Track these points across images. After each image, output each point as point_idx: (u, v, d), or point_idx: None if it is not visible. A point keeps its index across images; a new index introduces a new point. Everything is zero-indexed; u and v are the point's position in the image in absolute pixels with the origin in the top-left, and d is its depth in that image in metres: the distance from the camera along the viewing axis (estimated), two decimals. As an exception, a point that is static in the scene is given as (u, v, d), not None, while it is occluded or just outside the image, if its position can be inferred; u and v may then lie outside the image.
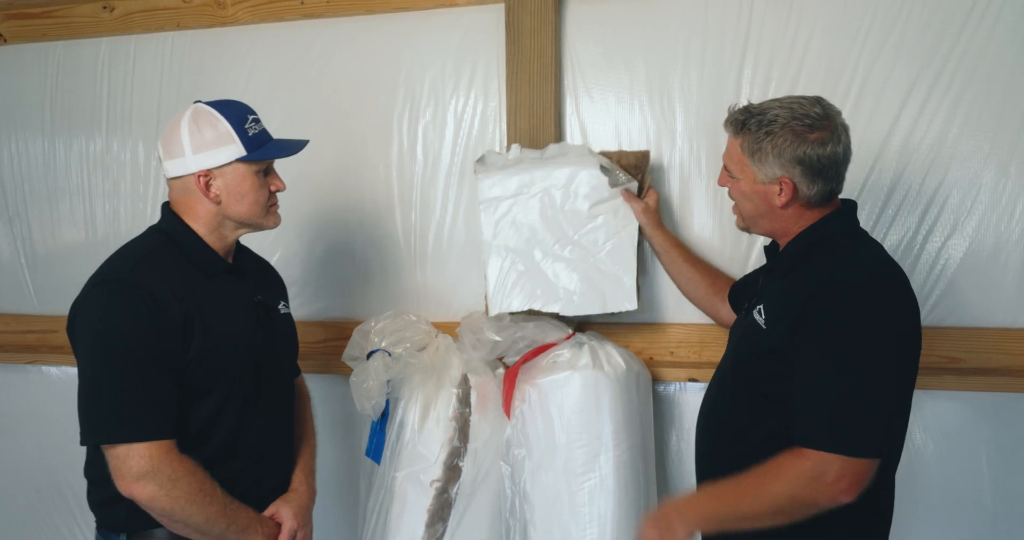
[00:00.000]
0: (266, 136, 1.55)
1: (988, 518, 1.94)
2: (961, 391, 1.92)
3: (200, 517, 1.42)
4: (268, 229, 1.61)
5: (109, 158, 2.47)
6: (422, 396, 1.88)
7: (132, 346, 1.39)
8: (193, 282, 1.48)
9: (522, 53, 2.05)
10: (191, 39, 2.36)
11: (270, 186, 1.56)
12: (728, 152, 1.52)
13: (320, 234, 2.29)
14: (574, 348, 1.85)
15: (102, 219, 2.49)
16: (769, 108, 1.44)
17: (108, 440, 1.40)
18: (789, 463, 1.34)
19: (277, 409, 1.63)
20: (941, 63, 1.89)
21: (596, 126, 2.10)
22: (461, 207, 2.18)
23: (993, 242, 1.90)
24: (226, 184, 1.50)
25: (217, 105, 1.52)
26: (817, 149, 1.40)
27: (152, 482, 1.38)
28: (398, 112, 2.21)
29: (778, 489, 1.35)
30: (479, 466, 1.86)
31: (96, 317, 1.42)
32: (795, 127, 1.41)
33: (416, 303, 2.22)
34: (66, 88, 2.49)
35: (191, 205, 1.53)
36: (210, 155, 1.48)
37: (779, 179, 1.44)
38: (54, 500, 2.61)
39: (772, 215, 1.49)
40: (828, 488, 1.32)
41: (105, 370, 1.40)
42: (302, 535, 1.60)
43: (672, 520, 1.44)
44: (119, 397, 1.39)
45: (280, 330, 1.66)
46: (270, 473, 1.61)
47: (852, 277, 1.38)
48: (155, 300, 1.41)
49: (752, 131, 1.44)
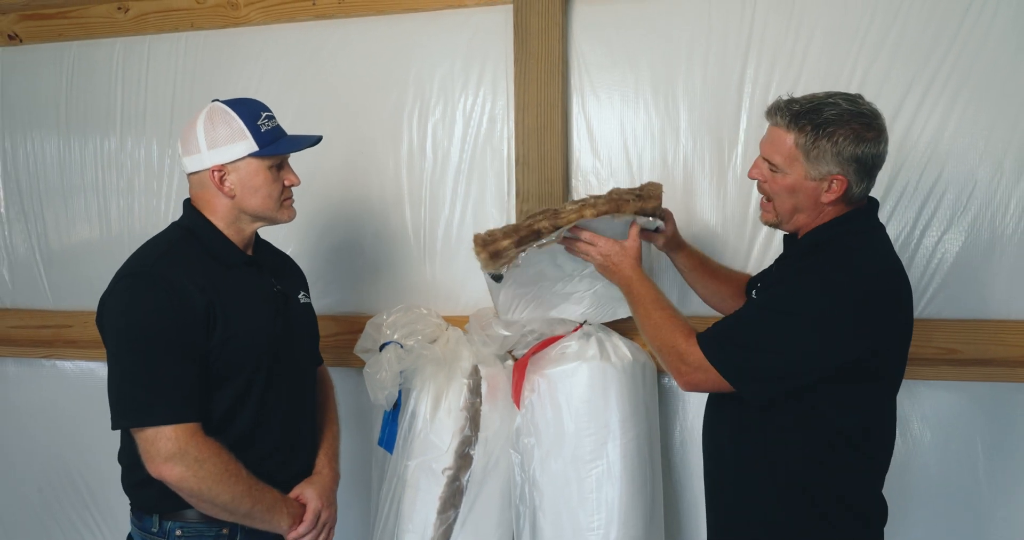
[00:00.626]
0: (279, 132, 1.61)
1: (984, 506, 1.99)
2: (958, 382, 1.97)
3: (227, 496, 1.48)
4: (283, 222, 1.66)
5: (123, 156, 2.51)
6: (434, 387, 1.93)
7: (156, 335, 1.46)
8: (213, 274, 1.54)
9: (530, 53, 2.10)
10: (204, 39, 2.41)
11: (284, 180, 1.62)
12: (774, 146, 1.48)
13: (331, 230, 2.34)
14: (582, 340, 1.90)
15: (116, 216, 2.53)
16: (822, 104, 1.43)
17: (137, 423, 1.47)
18: (684, 332, 1.49)
19: (297, 396, 1.67)
20: (938, 63, 1.94)
21: (602, 124, 2.15)
22: (470, 203, 2.23)
23: (988, 236, 1.95)
24: (240, 179, 1.56)
25: (232, 103, 1.59)
26: (872, 148, 1.42)
27: (180, 463, 1.44)
28: (408, 110, 2.26)
29: (665, 336, 1.51)
30: (490, 454, 1.90)
31: (121, 309, 1.50)
32: (854, 126, 1.41)
33: (425, 298, 2.27)
34: (81, 88, 2.53)
35: (209, 199, 1.59)
36: (223, 151, 1.54)
37: (832, 176, 1.43)
38: (67, 492, 2.65)
39: (815, 210, 1.48)
40: (681, 371, 1.49)
41: (131, 358, 1.47)
42: (327, 515, 1.64)
43: (615, 270, 1.62)
44: (145, 383, 1.46)
45: (299, 319, 1.70)
46: (292, 459, 1.65)
47: (844, 270, 1.41)
48: (176, 291, 1.48)
49: (808, 128, 1.42)
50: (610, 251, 1.63)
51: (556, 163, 2.12)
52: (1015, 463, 1.97)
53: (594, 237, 1.64)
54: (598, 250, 1.64)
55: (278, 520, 1.57)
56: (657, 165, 2.12)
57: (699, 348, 1.46)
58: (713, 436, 1.64)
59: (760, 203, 1.58)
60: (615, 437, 1.82)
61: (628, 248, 1.62)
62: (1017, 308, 1.94)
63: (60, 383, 2.63)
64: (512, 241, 1.64)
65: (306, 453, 1.71)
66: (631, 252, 1.62)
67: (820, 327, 1.40)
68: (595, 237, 1.64)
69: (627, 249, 1.62)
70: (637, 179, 2.14)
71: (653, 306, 1.56)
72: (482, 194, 2.23)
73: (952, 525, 2.01)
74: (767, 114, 1.50)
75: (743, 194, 2.07)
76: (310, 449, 1.72)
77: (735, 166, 2.07)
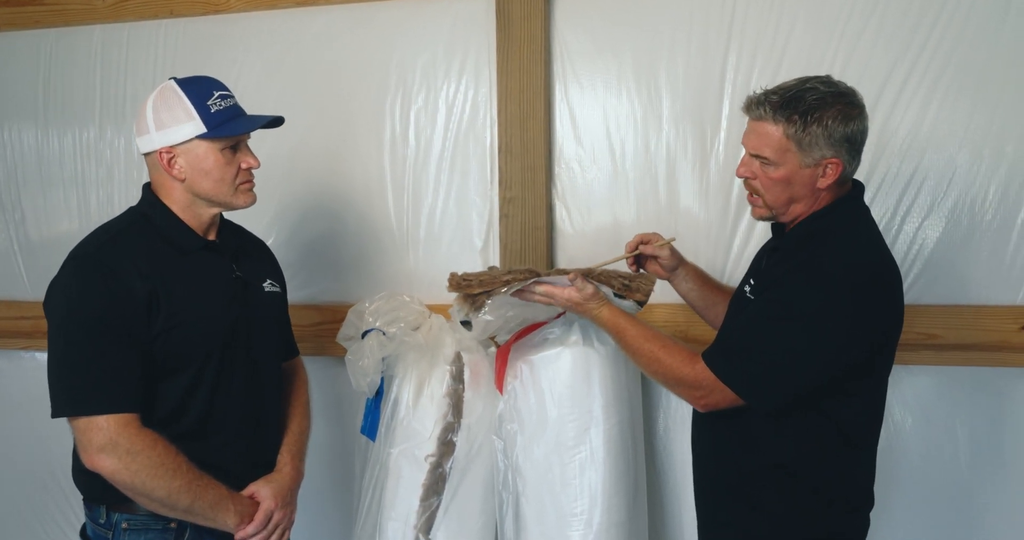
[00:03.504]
0: (234, 112, 1.53)
1: (965, 490, 2.01)
2: (939, 366, 1.98)
3: (162, 491, 1.41)
4: (241, 208, 1.57)
5: (103, 145, 2.49)
6: (416, 374, 1.92)
7: (91, 321, 1.40)
8: (163, 259, 1.49)
9: (512, 40, 2.09)
10: (184, 27, 2.39)
11: (240, 163, 1.54)
12: (762, 140, 1.44)
13: (314, 218, 2.33)
14: (565, 326, 1.89)
15: (96, 206, 2.51)
16: (801, 90, 1.41)
17: (70, 413, 1.41)
18: (685, 358, 1.47)
19: (257, 388, 1.59)
20: (917, 51, 1.95)
21: (584, 112, 2.15)
22: (453, 191, 2.23)
23: (968, 223, 1.97)
24: (189, 162, 1.49)
25: (184, 82, 1.52)
26: (859, 125, 1.42)
27: (112, 455, 1.39)
28: (390, 98, 2.25)
29: (665, 363, 1.49)
30: (472, 441, 1.90)
31: (60, 293, 1.45)
32: (840, 106, 1.40)
33: (408, 286, 2.26)
34: (59, 76, 2.50)
35: (163, 182, 1.53)
36: (171, 132, 1.48)
37: (827, 160, 1.41)
38: (48, 486, 2.62)
39: (810, 197, 1.46)
40: (696, 397, 1.47)
41: (66, 344, 1.42)
42: (280, 516, 1.56)
43: (591, 307, 1.59)
44: (79, 371, 1.40)
45: (260, 308, 1.63)
46: (250, 451, 1.58)
47: (837, 263, 1.41)
48: (115, 276, 1.42)
49: (798, 116, 1.40)
50: (570, 297, 1.59)
51: (539, 151, 2.12)
52: (995, 447, 1.99)
53: (550, 290, 1.60)
54: (558, 301, 1.61)
55: (223, 517, 1.49)
56: (640, 153, 2.13)
57: (707, 369, 1.43)
58: (702, 429, 1.63)
59: (748, 199, 1.55)
60: (598, 423, 1.82)
61: (585, 293, 1.58)
62: (996, 293, 1.96)
63: (40, 375, 2.55)
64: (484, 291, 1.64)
65: (267, 447, 1.64)
66: (588, 295, 1.58)
67: (825, 327, 1.38)
68: (550, 290, 1.60)
69: (585, 295, 1.58)
70: (620, 166, 2.14)
71: (641, 339, 1.52)
72: (465, 182, 2.22)
73: (934, 509, 2.03)
74: (746, 109, 1.47)
75: (725, 182, 2.07)
76: (272, 443, 1.65)
77: (717, 154, 2.08)
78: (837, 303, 1.38)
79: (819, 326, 1.38)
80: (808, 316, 1.39)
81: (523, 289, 1.62)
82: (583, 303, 1.59)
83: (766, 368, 1.41)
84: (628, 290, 1.65)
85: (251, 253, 1.71)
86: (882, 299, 1.43)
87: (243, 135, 1.55)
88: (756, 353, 1.42)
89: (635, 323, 1.56)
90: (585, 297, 1.59)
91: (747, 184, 1.52)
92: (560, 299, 1.61)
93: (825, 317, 1.38)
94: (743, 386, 1.43)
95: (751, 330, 1.45)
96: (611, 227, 2.15)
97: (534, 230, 2.14)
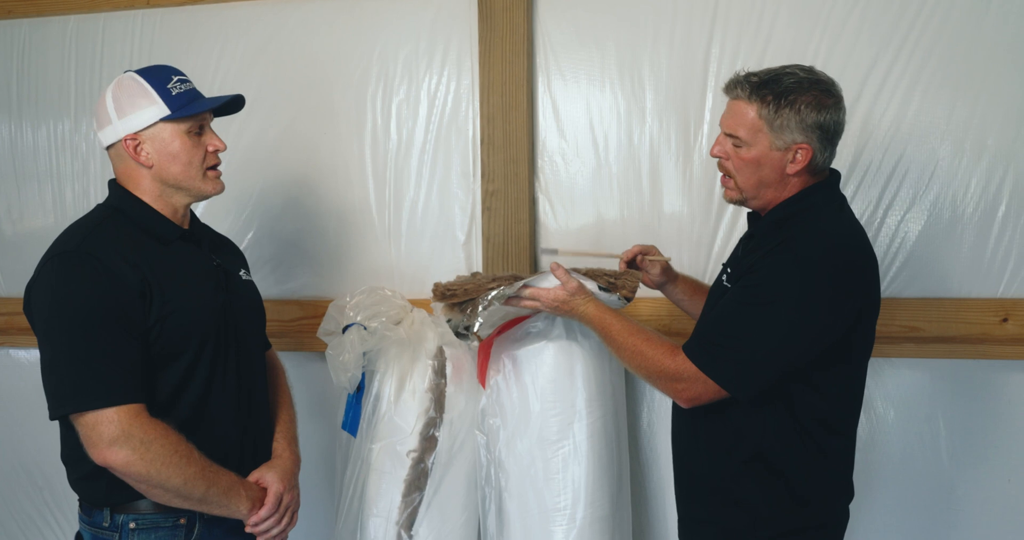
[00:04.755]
0: (194, 95, 1.52)
1: (946, 482, 2.02)
2: (920, 359, 1.99)
3: (178, 479, 1.40)
4: (210, 196, 1.57)
5: (78, 138, 2.45)
6: (398, 368, 1.90)
7: (89, 314, 1.38)
8: (147, 249, 1.48)
9: (495, 31, 2.08)
10: (161, 17, 2.35)
11: (207, 146, 1.53)
12: (737, 120, 1.46)
13: (294, 212, 2.30)
14: (548, 320, 1.87)
15: (71, 200, 2.47)
16: (779, 74, 1.43)
17: (76, 409, 1.38)
18: (666, 351, 1.47)
19: (247, 376, 1.60)
20: (899, 43, 1.95)
21: (567, 104, 2.14)
22: (435, 184, 2.21)
23: (949, 216, 1.97)
24: (155, 147, 1.49)
25: (142, 70, 1.52)
26: (834, 115, 1.42)
27: (125, 446, 1.37)
28: (371, 90, 2.23)
29: (648, 356, 1.48)
30: (455, 436, 1.88)
31: (50, 290, 1.41)
32: (815, 93, 1.41)
33: (390, 281, 2.24)
34: (33, 67, 2.46)
35: (131, 174, 1.52)
36: (133, 118, 1.47)
37: (797, 145, 1.42)
38: (23, 484, 2.58)
39: (780, 183, 1.47)
40: (678, 390, 1.46)
41: (65, 341, 1.39)
42: (289, 498, 1.58)
43: (577, 303, 1.59)
44: (81, 365, 1.37)
45: (243, 295, 1.64)
46: (246, 440, 1.59)
47: (812, 246, 1.40)
48: (106, 267, 1.40)
49: (772, 97, 1.41)
50: (556, 296, 1.60)
51: (521, 143, 2.10)
52: (975, 439, 1.99)
53: (536, 292, 1.61)
54: (544, 302, 1.61)
55: (236, 504, 1.49)
56: (623, 146, 2.12)
57: (688, 360, 1.43)
58: (681, 424, 1.62)
59: (721, 181, 1.56)
60: (581, 417, 1.81)
61: (570, 287, 1.59)
62: (977, 286, 1.96)
63: (14, 372, 2.55)
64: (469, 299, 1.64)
65: (261, 434, 1.64)
66: (574, 289, 1.59)
67: (801, 310, 1.38)
68: (536, 292, 1.61)
69: (570, 289, 1.59)
70: (603, 160, 2.13)
71: (626, 334, 1.52)
72: (447, 174, 2.20)
73: (915, 501, 2.04)
74: (726, 89, 1.49)
75: (709, 174, 2.06)
76: (265, 431, 1.65)
77: (700, 146, 2.07)
78: (812, 286, 1.38)
79: (794, 310, 1.38)
80: (783, 300, 1.39)
81: (511, 296, 1.61)
82: (569, 300, 1.59)
83: (744, 355, 1.41)
84: (614, 286, 1.65)
85: (221, 244, 1.72)
86: (857, 278, 1.43)
87: (207, 117, 1.55)
88: (733, 340, 1.42)
89: (620, 318, 1.55)
90: (571, 292, 1.59)
91: (720, 165, 1.53)
92: (547, 300, 1.61)
93: (801, 301, 1.38)
94: (722, 374, 1.42)
95: (728, 318, 1.45)
96: (594, 220, 2.15)
97: (517, 223, 2.12)
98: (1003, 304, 1.95)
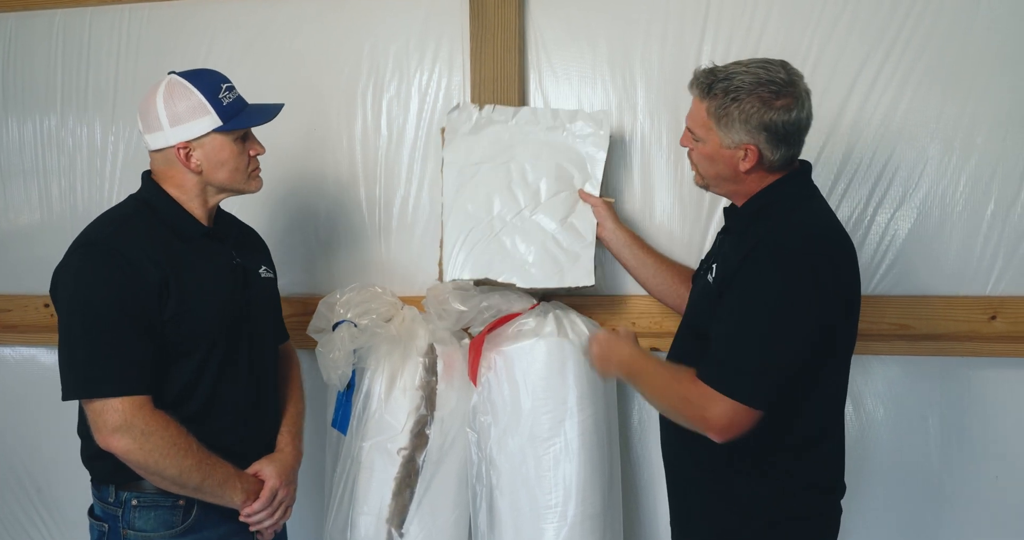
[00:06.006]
0: (241, 103, 1.59)
1: (935, 478, 2.03)
2: (909, 356, 2.00)
3: (174, 470, 1.48)
4: (251, 193, 1.65)
5: (64, 134, 2.42)
6: (388, 366, 1.89)
7: (106, 306, 1.45)
8: (170, 246, 1.54)
9: (486, 26, 2.07)
10: (149, 11, 2.32)
11: (249, 151, 1.61)
12: (692, 115, 1.51)
13: (283, 209, 2.28)
14: (539, 317, 1.88)
15: (58, 196, 2.44)
16: (736, 73, 1.44)
17: (85, 395, 1.47)
18: (688, 382, 1.42)
19: (259, 371, 1.66)
20: (891, 41, 1.96)
21: (560, 101, 2.13)
22: (426, 181, 2.19)
23: (939, 214, 1.98)
24: (206, 154, 1.55)
25: (190, 76, 1.56)
26: (783, 115, 1.41)
27: (126, 435, 1.45)
28: (362, 87, 2.21)
29: (673, 393, 1.46)
30: (446, 434, 1.88)
31: (73, 279, 1.49)
32: (762, 94, 1.41)
33: (380, 278, 2.22)
34: (19, 62, 2.42)
35: (173, 175, 1.58)
36: (187, 127, 1.53)
37: (744, 145, 1.44)
38: (9, 484, 2.55)
39: (735, 179, 1.49)
40: (704, 421, 1.40)
41: (81, 329, 1.46)
42: (284, 494, 1.64)
43: (613, 356, 1.59)
44: (94, 355, 1.45)
45: (260, 294, 1.69)
46: (252, 434, 1.65)
47: (789, 239, 1.41)
48: (129, 262, 1.47)
49: (719, 96, 1.43)
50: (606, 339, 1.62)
51: (513, 140, 2.09)
52: (965, 436, 2.01)
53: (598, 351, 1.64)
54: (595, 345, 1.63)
55: (230, 495, 1.56)
56: (615, 143, 2.11)
57: (704, 383, 1.40)
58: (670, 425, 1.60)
59: (690, 166, 1.60)
60: (573, 414, 1.81)
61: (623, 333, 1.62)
62: (967, 283, 1.97)
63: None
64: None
65: (268, 428, 1.70)
66: (625, 334, 1.61)
67: (788, 305, 1.37)
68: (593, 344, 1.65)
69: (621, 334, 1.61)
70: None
71: (655, 372, 1.52)
72: (438, 172, 2.18)
73: (904, 497, 2.05)
74: (688, 84, 1.51)
75: (700, 172, 2.06)
76: (272, 424, 1.71)
77: (692, 144, 2.07)
78: (794, 279, 1.38)
79: (787, 311, 1.38)
80: (769, 301, 1.38)
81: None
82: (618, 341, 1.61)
83: (749, 364, 1.38)
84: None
85: (246, 240, 1.76)
86: (838, 268, 1.42)
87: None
88: (735, 352, 1.39)
89: (652, 359, 1.56)
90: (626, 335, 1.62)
91: (688, 155, 1.57)
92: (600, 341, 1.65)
93: (785, 296, 1.38)
94: (736, 388, 1.37)
95: (725, 333, 1.42)
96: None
97: (508, 221, 2.11)
98: (991, 302, 1.96)
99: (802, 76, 1.47)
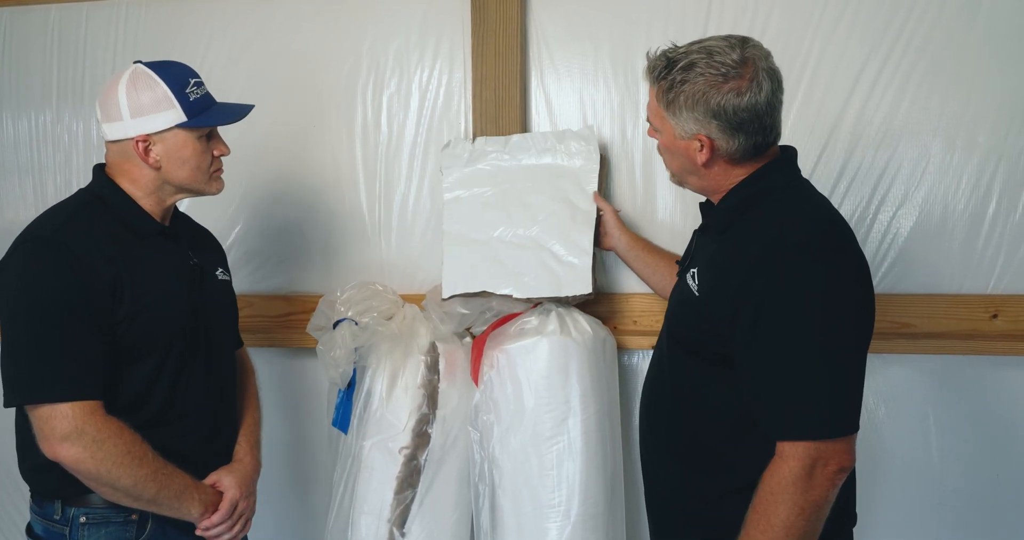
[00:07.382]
0: (209, 100, 1.51)
1: (935, 477, 2.03)
2: (911, 355, 1.99)
3: (128, 480, 1.38)
4: (210, 195, 1.57)
5: (60, 130, 2.40)
6: (390, 364, 1.88)
7: (55, 305, 1.35)
8: (123, 243, 1.45)
9: (488, 24, 2.06)
10: (146, 7, 2.30)
11: (213, 151, 1.53)
12: (649, 103, 1.37)
13: (282, 207, 2.27)
14: (541, 315, 1.87)
15: (53, 193, 2.41)
16: (685, 53, 1.30)
17: (31, 400, 1.36)
18: (777, 477, 1.23)
19: (216, 376, 1.58)
20: (892, 40, 1.95)
21: (561, 99, 2.12)
22: (426, 178, 2.18)
23: (941, 212, 1.98)
24: (166, 150, 1.47)
25: (156, 67, 1.48)
26: (732, 100, 1.26)
27: (76, 443, 1.34)
28: (362, 83, 2.20)
29: (783, 514, 1.22)
30: (448, 432, 1.86)
31: (18, 276, 1.39)
32: (708, 76, 1.26)
33: (380, 276, 2.21)
34: (14, 57, 2.40)
35: (128, 169, 1.49)
36: (148, 120, 1.44)
37: (696, 135, 1.30)
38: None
39: (698, 173, 1.36)
40: (824, 478, 1.22)
41: (27, 329, 1.36)
42: (244, 506, 1.56)
43: None
44: (41, 357, 1.35)
45: (216, 296, 1.62)
46: (211, 440, 1.57)
47: (799, 236, 1.26)
48: (79, 259, 1.37)
49: (666, 83, 1.29)
50: None
51: (514, 138, 2.08)
52: (965, 434, 2.01)
53: None
54: None
55: (187, 507, 1.47)
56: (616, 141, 2.10)
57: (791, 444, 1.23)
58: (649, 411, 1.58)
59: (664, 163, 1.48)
60: (575, 413, 1.80)
61: None
62: (968, 282, 1.97)
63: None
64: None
65: (226, 435, 1.63)
66: None
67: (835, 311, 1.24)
68: None
69: None
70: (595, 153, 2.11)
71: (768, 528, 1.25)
72: (438, 170, 2.17)
73: (905, 495, 2.04)
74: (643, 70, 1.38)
75: (702, 170, 2.06)
76: (230, 433, 1.64)
77: (694, 142, 2.06)
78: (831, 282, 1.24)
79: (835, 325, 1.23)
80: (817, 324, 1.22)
81: None
82: None
83: (834, 393, 1.24)
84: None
85: (201, 241, 1.69)
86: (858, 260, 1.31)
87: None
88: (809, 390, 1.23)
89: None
90: None
91: (657, 147, 1.45)
92: None
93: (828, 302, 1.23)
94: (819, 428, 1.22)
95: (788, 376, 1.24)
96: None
97: (509, 218, 2.10)
98: (993, 300, 1.96)
99: (767, 54, 1.31)
